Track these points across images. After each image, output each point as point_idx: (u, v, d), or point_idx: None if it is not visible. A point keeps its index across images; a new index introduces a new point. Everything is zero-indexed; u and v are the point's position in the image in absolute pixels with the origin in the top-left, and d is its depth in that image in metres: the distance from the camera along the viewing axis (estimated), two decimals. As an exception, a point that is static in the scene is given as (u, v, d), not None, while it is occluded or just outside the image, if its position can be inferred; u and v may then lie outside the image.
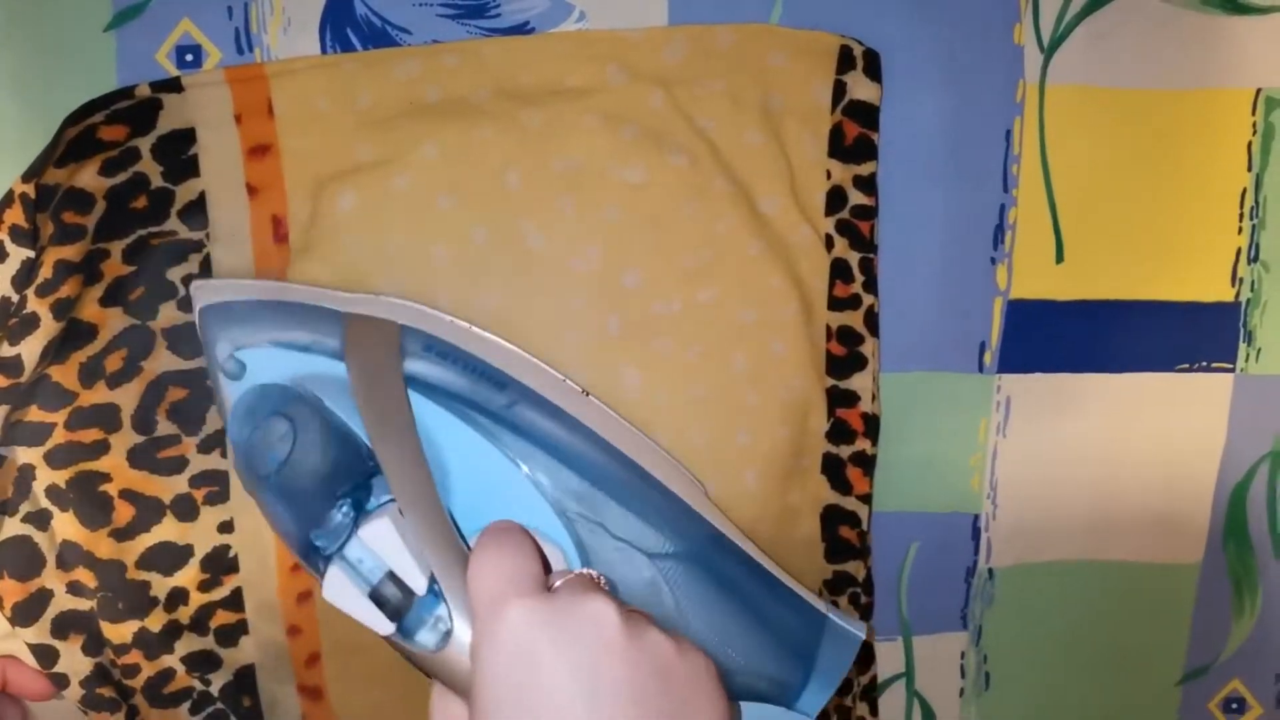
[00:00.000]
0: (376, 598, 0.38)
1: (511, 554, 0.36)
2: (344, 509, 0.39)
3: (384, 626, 0.38)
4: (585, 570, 0.39)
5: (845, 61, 0.47)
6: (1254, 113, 0.50)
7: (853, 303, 0.48)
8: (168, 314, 0.45)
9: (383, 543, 0.38)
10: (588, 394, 0.44)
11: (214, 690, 0.47)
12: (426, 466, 0.39)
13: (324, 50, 0.46)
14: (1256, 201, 0.50)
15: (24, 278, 0.46)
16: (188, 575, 0.46)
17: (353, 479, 0.40)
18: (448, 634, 0.37)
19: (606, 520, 0.41)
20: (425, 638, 0.37)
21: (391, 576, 0.38)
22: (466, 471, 0.40)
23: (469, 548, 0.38)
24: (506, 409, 0.41)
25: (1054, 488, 0.52)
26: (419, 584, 0.38)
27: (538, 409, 0.41)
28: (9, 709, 0.46)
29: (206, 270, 0.46)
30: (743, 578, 0.43)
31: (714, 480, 0.46)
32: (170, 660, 0.47)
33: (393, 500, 0.39)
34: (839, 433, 0.49)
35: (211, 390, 0.43)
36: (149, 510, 0.46)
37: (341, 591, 0.38)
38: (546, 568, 0.38)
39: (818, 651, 0.43)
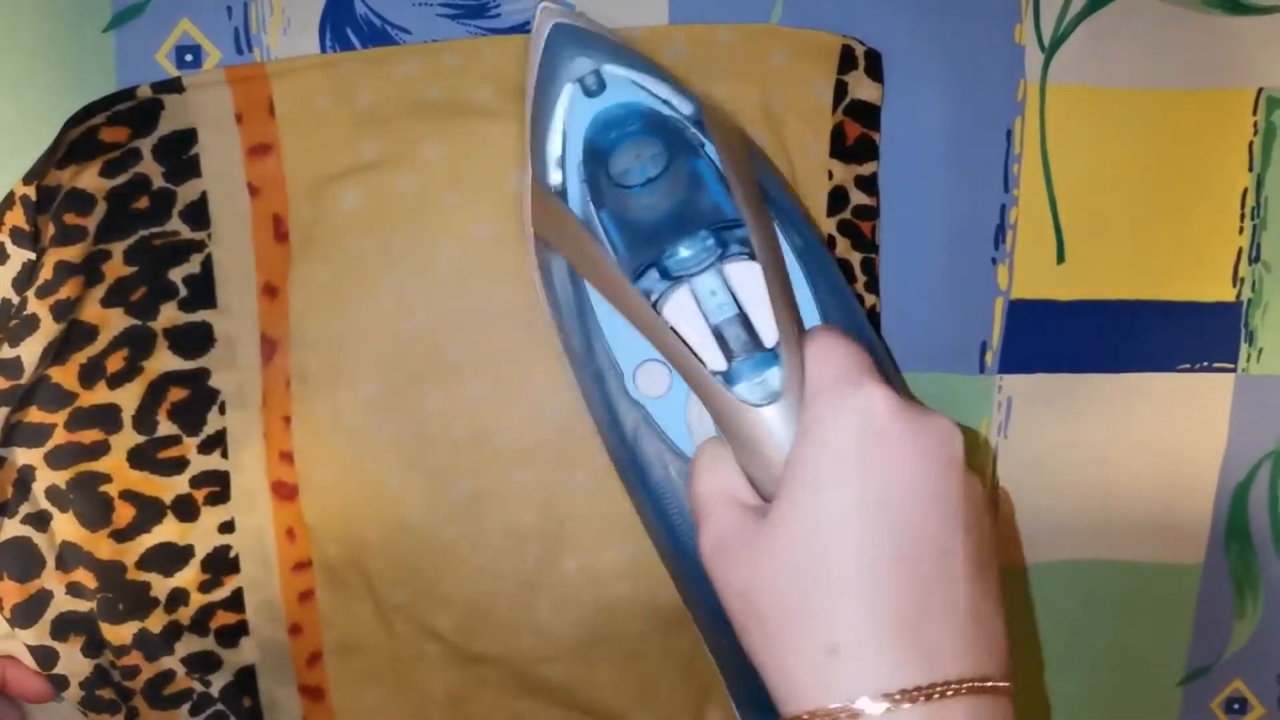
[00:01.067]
0: (717, 335, 0.37)
1: (860, 347, 0.36)
2: (709, 241, 0.39)
3: (718, 361, 0.37)
4: None
5: (847, 61, 0.47)
6: (1255, 113, 0.50)
7: (855, 303, 0.48)
8: (169, 314, 0.45)
9: (746, 284, 0.38)
10: None
11: (214, 691, 0.47)
12: (781, 244, 0.39)
13: (323, 50, 0.46)
14: (1258, 201, 0.50)
15: (24, 279, 0.45)
16: (188, 576, 0.46)
17: (713, 222, 0.39)
18: (768, 398, 0.36)
19: None
20: (745, 391, 0.36)
21: (741, 319, 0.37)
22: None
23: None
24: (821, 254, 0.41)
25: (1055, 488, 0.52)
26: (769, 336, 0.37)
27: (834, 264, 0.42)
28: (7, 711, 0.46)
29: (208, 270, 0.46)
30: None
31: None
32: (170, 661, 0.46)
33: (748, 254, 0.38)
34: (841, 433, 0.49)
35: (533, 115, 0.42)
36: (149, 511, 0.46)
37: (685, 315, 0.38)
38: None
39: None
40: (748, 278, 0.38)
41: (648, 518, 0.43)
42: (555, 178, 0.42)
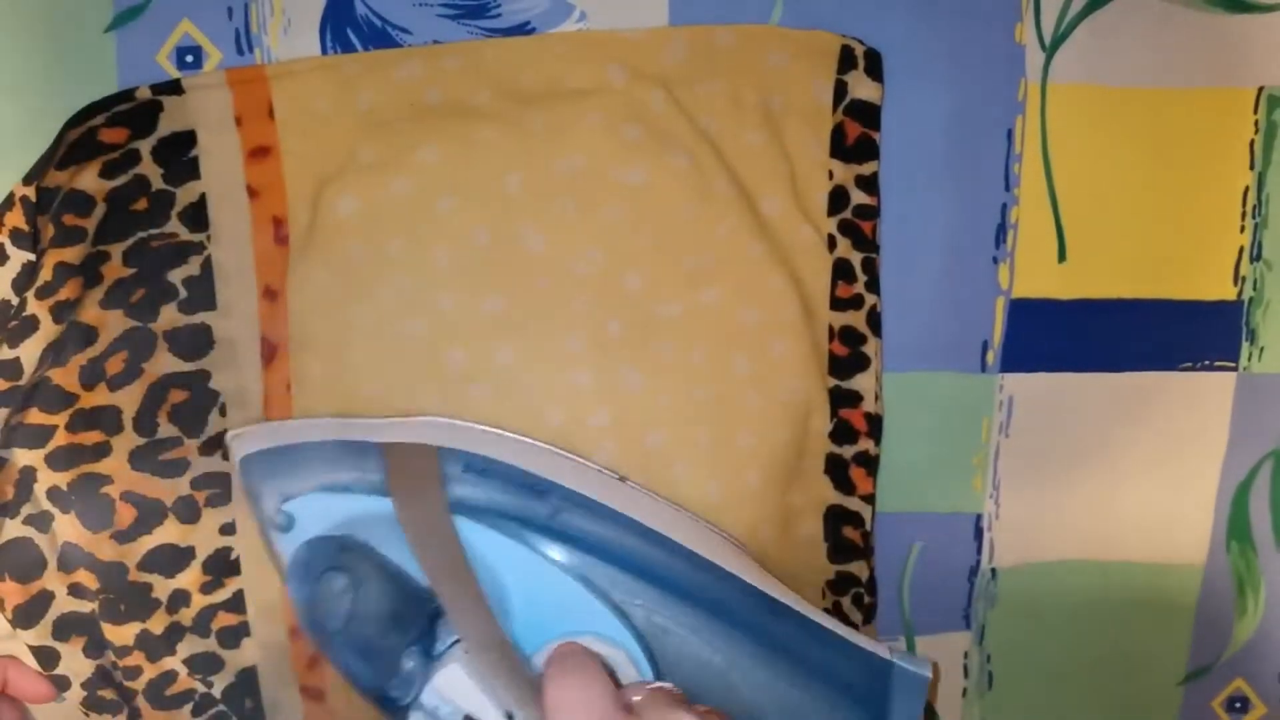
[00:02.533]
0: None
1: (583, 681, 0.37)
2: (413, 658, 0.39)
3: None
4: (660, 684, 0.39)
5: (846, 61, 0.47)
6: (1256, 111, 0.50)
7: (855, 303, 0.48)
8: (168, 316, 0.45)
9: (455, 687, 0.38)
10: (624, 479, 0.44)
11: (216, 692, 0.47)
12: (484, 600, 0.39)
13: (324, 51, 0.46)
14: (1259, 200, 0.50)
15: (24, 280, 0.46)
16: (189, 577, 0.46)
17: (418, 623, 0.40)
18: None
19: (662, 609, 0.41)
20: None
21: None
22: (522, 588, 0.40)
23: (536, 672, 0.38)
24: (550, 518, 0.41)
25: (1056, 487, 0.52)
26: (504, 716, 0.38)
27: (580, 510, 0.41)
28: (9, 711, 0.46)
29: (207, 272, 0.46)
30: (803, 641, 0.42)
31: (716, 482, 0.46)
32: (172, 662, 0.47)
33: (459, 640, 0.39)
34: (842, 433, 0.49)
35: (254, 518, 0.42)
36: (150, 512, 0.46)
37: None
38: (614, 681, 0.38)
39: (889, 700, 0.43)
40: (457, 682, 0.38)
41: None
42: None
